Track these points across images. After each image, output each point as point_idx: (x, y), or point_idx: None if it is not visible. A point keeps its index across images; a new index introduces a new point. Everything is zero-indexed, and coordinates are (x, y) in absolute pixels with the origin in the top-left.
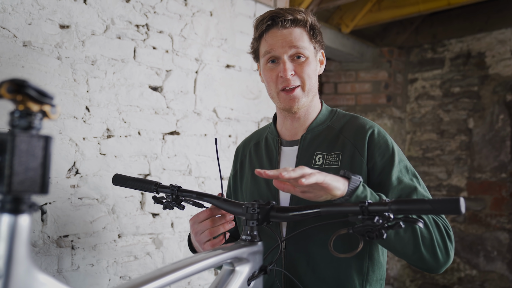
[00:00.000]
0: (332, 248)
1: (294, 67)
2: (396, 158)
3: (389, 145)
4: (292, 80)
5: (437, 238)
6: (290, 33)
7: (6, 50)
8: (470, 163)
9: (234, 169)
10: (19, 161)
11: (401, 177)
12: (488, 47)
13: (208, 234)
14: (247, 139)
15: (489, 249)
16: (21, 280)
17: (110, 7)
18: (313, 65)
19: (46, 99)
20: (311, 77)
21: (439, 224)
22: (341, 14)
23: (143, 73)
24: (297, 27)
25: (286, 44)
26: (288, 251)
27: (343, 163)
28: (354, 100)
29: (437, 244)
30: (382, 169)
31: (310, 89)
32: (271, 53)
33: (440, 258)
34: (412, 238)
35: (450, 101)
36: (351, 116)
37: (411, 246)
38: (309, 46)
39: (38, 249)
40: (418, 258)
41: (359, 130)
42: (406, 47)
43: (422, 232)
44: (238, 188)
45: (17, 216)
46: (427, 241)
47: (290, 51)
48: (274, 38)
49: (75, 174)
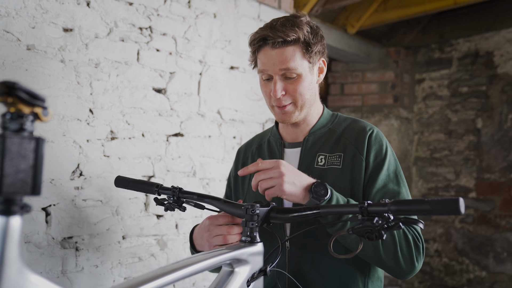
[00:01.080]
0: (332, 249)
1: (285, 86)
2: (386, 163)
3: (383, 148)
4: (283, 100)
5: (402, 247)
6: (281, 53)
7: (10, 54)
8: (479, 164)
9: (235, 169)
10: (10, 163)
11: (387, 182)
12: (496, 46)
13: (223, 240)
14: (249, 142)
15: (498, 250)
16: (13, 280)
17: (113, 10)
18: (307, 80)
19: (37, 101)
20: (303, 94)
21: (407, 235)
22: (346, 15)
23: (147, 75)
24: (289, 45)
25: (277, 65)
26: (292, 251)
27: (345, 163)
28: (360, 101)
29: (401, 253)
30: (372, 170)
31: (303, 105)
32: (264, 72)
33: (403, 266)
34: (373, 248)
35: (458, 101)
36: (352, 120)
37: (372, 254)
38: (301, 63)
39: (42, 250)
40: (380, 264)
41: (360, 132)
42: (413, 47)
43: (386, 242)
44: (239, 188)
45: (8, 217)
46: (391, 250)
47: (281, 72)
48: (266, 57)
49: (79, 176)
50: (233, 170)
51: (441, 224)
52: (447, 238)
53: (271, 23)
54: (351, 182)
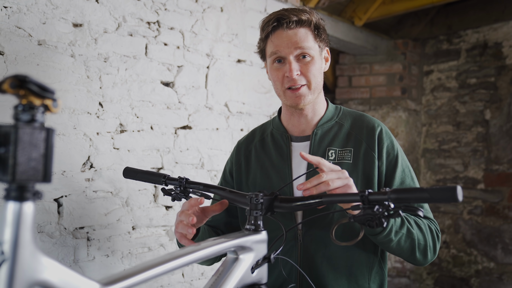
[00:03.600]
0: (334, 237)
1: (300, 67)
2: (400, 159)
3: (394, 145)
4: (298, 80)
5: (430, 242)
6: (296, 33)
7: (21, 49)
8: (487, 155)
9: (237, 163)
10: (22, 152)
11: (403, 178)
12: (505, 37)
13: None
14: (250, 135)
15: (507, 241)
16: (26, 263)
17: (122, 5)
18: (318, 63)
19: (47, 94)
20: (316, 76)
21: (432, 230)
22: (354, 7)
23: (155, 69)
24: (302, 27)
25: (291, 45)
26: (305, 244)
27: (356, 158)
28: (368, 93)
29: (429, 247)
30: (387, 167)
31: (316, 87)
32: (277, 54)
33: (429, 258)
34: (410, 247)
35: (466, 93)
36: (356, 114)
37: (408, 252)
38: (314, 46)
39: (55, 240)
40: (411, 259)
41: (369, 128)
42: (421, 39)
43: (419, 240)
44: (242, 181)
45: (21, 203)
46: (422, 247)
47: (296, 51)
48: (280, 39)
49: (90, 168)
50: (230, 163)
51: (449, 216)
52: (455, 230)
53: (280, 10)
54: (363, 177)
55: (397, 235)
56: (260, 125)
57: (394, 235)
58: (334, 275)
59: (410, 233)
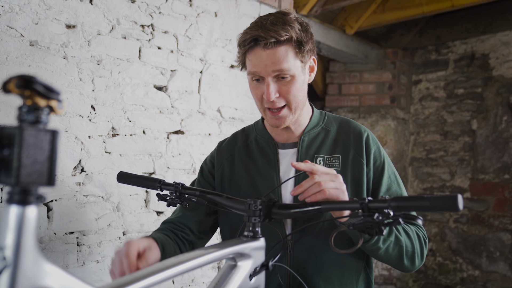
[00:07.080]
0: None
1: (278, 88)
2: (386, 165)
3: (381, 151)
4: (277, 102)
5: (417, 249)
6: (274, 53)
7: (13, 49)
8: (474, 164)
9: (219, 166)
10: (27, 154)
11: (390, 184)
12: (492, 49)
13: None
14: (231, 139)
15: (491, 249)
16: (29, 269)
17: (116, 8)
18: (300, 81)
19: (53, 95)
20: (296, 95)
21: (420, 236)
22: (345, 16)
23: (148, 73)
24: (282, 45)
25: (270, 65)
26: (296, 254)
27: (344, 165)
28: (358, 101)
29: (417, 254)
30: (374, 174)
31: (297, 107)
32: (255, 74)
33: (417, 264)
34: (398, 254)
35: (454, 103)
36: (342, 119)
37: (396, 260)
38: (294, 63)
39: (44, 245)
40: (399, 266)
41: (356, 133)
42: (410, 48)
43: (407, 247)
44: (225, 187)
45: (25, 207)
46: (410, 254)
47: (274, 73)
48: (258, 58)
49: (81, 172)
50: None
51: (435, 224)
52: (441, 238)
53: (260, 22)
54: (352, 184)
55: (385, 242)
56: (241, 129)
57: (382, 243)
58: (326, 285)
59: (398, 240)
